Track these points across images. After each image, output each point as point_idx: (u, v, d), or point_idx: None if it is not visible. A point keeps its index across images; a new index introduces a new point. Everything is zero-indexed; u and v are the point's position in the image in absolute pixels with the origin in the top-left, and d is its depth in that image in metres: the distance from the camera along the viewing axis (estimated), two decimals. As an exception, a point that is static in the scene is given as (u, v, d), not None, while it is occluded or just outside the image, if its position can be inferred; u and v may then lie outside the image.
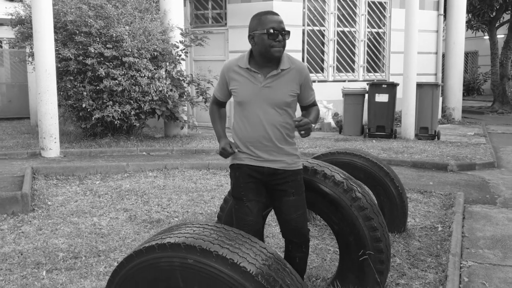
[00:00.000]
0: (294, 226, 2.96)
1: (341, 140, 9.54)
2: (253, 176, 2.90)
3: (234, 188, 2.96)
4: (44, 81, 7.44)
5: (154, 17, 9.40)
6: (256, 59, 2.84)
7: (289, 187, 2.92)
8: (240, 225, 2.91)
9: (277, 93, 2.83)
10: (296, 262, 3.04)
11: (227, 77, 2.90)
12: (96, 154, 7.98)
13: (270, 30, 2.74)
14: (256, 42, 2.79)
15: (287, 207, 2.94)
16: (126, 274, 2.31)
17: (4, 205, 4.84)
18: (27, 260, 3.77)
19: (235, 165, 2.94)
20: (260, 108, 2.83)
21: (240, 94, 2.85)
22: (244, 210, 2.90)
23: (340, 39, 11.79)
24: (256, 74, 2.82)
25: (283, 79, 2.85)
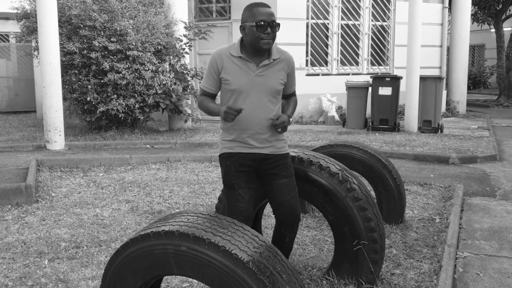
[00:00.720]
0: (288, 207, 3.06)
1: (344, 133, 9.57)
2: (245, 163, 2.99)
3: (226, 176, 3.02)
4: (48, 75, 7.52)
5: (158, 11, 9.45)
6: (247, 49, 2.92)
7: (280, 170, 3.04)
8: (232, 211, 2.99)
9: (270, 81, 2.94)
10: (286, 241, 3.17)
11: (219, 65, 2.92)
12: (101, 147, 8.07)
13: (259, 22, 2.81)
14: (247, 33, 2.87)
15: (279, 190, 3.04)
16: (123, 261, 2.38)
17: (8, 196, 4.94)
18: (30, 250, 3.86)
19: (225, 154, 3.01)
20: (255, 96, 2.92)
21: (234, 82, 2.91)
22: (236, 197, 2.98)
23: (344, 32, 11.78)
24: (248, 62, 2.91)
25: (274, 68, 2.96)
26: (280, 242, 3.24)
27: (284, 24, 10.84)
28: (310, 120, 11.49)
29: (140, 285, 2.39)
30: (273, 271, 2.20)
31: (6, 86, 14.80)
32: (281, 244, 3.23)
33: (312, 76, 11.57)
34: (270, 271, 2.19)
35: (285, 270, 2.27)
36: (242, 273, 2.13)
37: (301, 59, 11.31)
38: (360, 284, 3.25)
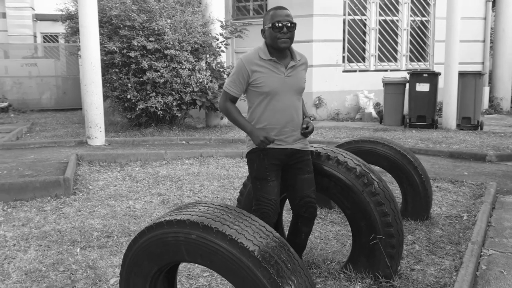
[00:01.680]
0: (307, 201, 3.20)
1: (380, 130, 9.48)
2: (277, 157, 3.12)
3: (259, 169, 3.12)
4: (89, 73, 7.87)
5: (195, 10, 9.67)
6: (272, 52, 3.04)
7: (304, 165, 3.19)
8: (263, 204, 3.11)
9: (298, 81, 3.12)
10: (302, 237, 3.29)
11: (249, 70, 3.02)
12: (139, 142, 8.35)
13: (276, 23, 2.94)
14: (266, 36, 3.02)
15: (301, 184, 3.18)
16: (139, 247, 2.52)
17: (48, 188, 5.23)
18: (64, 238, 4.09)
19: (259, 148, 3.11)
20: (286, 96, 3.07)
21: (267, 84, 3.02)
22: (267, 189, 3.10)
23: (382, 28, 11.64)
24: (278, 64, 3.04)
25: (299, 69, 3.14)
26: (295, 237, 3.33)
27: (320, 21, 10.90)
28: (347, 116, 11.43)
29: (155, 271, 2.52)
30: (278, 260, 2.28)
31: (55, 85, 15.48)
32: (296, 239, 3.33)
33: (349, 73, 11.51)
34: (275, 260, 2.27)
35: (291, 260, 2.34)
36: (248, 261, 2.22)
37: (338, 56, 11.27)
38: (376, 278, 3.27)
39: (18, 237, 4.12)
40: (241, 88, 3.10)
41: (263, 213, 3.11)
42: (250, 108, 3.16)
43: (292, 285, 2.25)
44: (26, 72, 15.09)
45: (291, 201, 3.28)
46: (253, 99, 3.12)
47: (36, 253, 3.79)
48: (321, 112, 11.48)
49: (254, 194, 3.18)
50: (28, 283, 3.28)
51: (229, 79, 3.13)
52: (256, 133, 3.04)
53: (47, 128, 10.58)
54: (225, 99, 3.17)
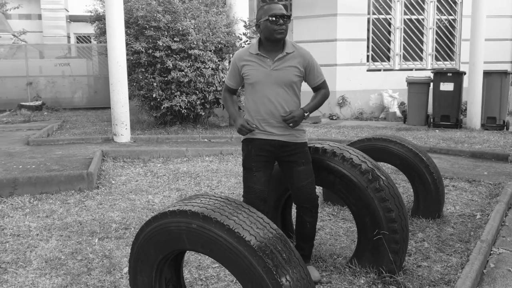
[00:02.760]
0: (305, 192, 3.30)
1: (402, 130, 9.43)
2: (265, 149, 3.25)
3: (246, 159, 3.30)
4: (116, 73, 8.12)
5: (219, 11, 9.83)
6: (264, 45, 3.22)
7: (298, 158, 3.29)
8: (248, 192, 3.28)
9: (285, 74, 3.22)
10: (307, 227, 3.39)
11: (239, 65, 3.27)
12: (162, 140, 8.58)
13: (271, 16, 3.10)
14: (262, 29, 3.18)
15: (298, 176, 3.29)
16: (146, 236, 2.66)
17: (72, 182, 5.47)
18: (84, 229, 4.30)
19: (248, 139, 3.31)
20: (271, 88, 3.21)
21: (253, 76, 3.22)
22: (252, 179, 3.26)
23: (407, 27, 11.55)
24: (265, 58, 3.20)
25: (289, 62, 3.22)
26: (302, 228, 3.43)
27: (344, 20, 10.92)
28: (371, 116, 11.39)
29: (160, 259, 2.66)
30: (273, 250, 2.38)
31: (86, 84, 15.91)
32: (303, 229, 3.43)
33: (373, 72, 11.47)
34: (270, 250, 2.37)
35: (286, 250, 2.44)
36: (244, 250, 2.33)
37: (362, 55, 11.25)
38: (380, 273, 3.34)
39: (41, 227, 4.34)
40: (236, 81, 3.37)
41: (248, 201, 3.27)
42: (245, 100, 3.38)
43: (286, 274, 2.34)
44: (59, 71, 15.57)
45: (292, 193, 3.41)
46: (246, 91, 3.35)
47: (57, 242, 4.00)
48: (345, 111, 11.49)
49: (243, 182, 3.36)
50: (47, 270, 3.48)
51: (228, 73, 3.42)
52: (237, 121, 3.27)
53: (77, 125, 10.94)
54: (224, 90, 3.48)
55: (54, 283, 3.27)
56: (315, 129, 9.94)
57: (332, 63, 11.19)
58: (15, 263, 3.59)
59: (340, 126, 10.37)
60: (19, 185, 5.31)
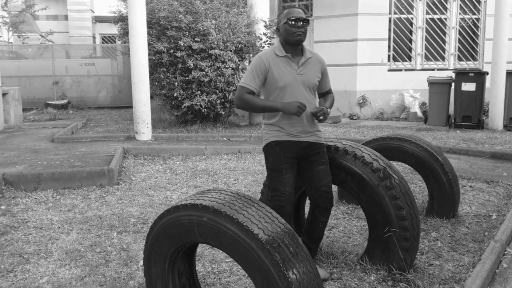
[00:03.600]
0: (324, 191, 3.35)
1: (423, 130, 9.37)
2: (293, 151, 3.29)
3: (274, 161, 3.29)
4: (137, 72, 8.30)
5: (240, 11, 9.93)
6: (286, 49, 3.24)
7: (319, 157, 3.35)
8: (277, 195, 3.26)
9: (310, 77, 3.29)
10: (319, 227, 3.42)
11: (267, 66, 3.21)
12: (183, 138, 8.72)
13: (291, 19, 3.16)
14: (281, 32, 3.24)
15: (318, 175, 3.33)
16: (159, 228, 2.76)
17: (93, 178, 5.64)
18: (104, 223, 4.44)
19: (274, 142, 3.29)
20: (299, 90, 3.26)
21: (282, 80, 3.22)
22: (282, 181, 3.26)
23: (429, 27, 11.45)
24: (291, 61, 3.24)
25: (310, 66, 3.31)
26: (313, 227, 3.47)
27: (365, 20, 10.89)
28: (392, 116, 11.33)
29: (173, 251, 2.76)
30: (280, 243, 2.45)
31: (111, 84, 16.21)
32: (314, 229, 3.46)
33: (394, 72, 11.41)
34: (277, 243, 2.44)
35: (293, 244, 2.51)
36: (252, 243, 2.41)
37: (383, 55, 11.20)
38: (390, 270, 3.37)
39: (63, 221, 4.50)
40: (258, 83, 3.24)
41: (277, 203, 3.27)
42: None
43: (293, 267, 2.40)
44: (84, 71, 15.90)
45: (309, 192, 3.42)
46: (269, 93, 3.31)
47: (77, 235, 4.14)
48: (365, 111, 11.45)
49: (270, 186, 3.35)
50: (67, 261, 3.62)
51: (246, 76, 3.26)
52: (289, 104, 3.14)
53: (101, 124, 11.19)
54: (242, 93, 3.23)
55: (73, 274, 3.41)
56: (335, 129, 9.95)
57: (352, 63, 11.18)
58: (37, 254, 3.74)
59: (360, 126, 10.36)
60: (43, 180, 5.50)
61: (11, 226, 4.34)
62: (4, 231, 4.23)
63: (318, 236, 3.51)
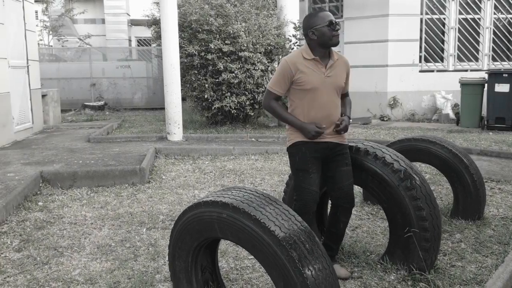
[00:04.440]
0: (346, 192, 3.41)
1: (454, 132, 9.24)
2: (318, 150, 3.36)
3: (301, 161, 3.36)
4: (169, 74, 8.52)
5: (270, 13, 10.04)
6: (315, 52, 3.28)
7: (344, 158, 3.41)
8: (304, 194, 3.34)
9: (337, 79, 3.35)
10: (340, 227, 3.49)
11: (293, 70, 3.26)
12: (212, 139, 8.89)
13: (331, 22, 3.22)
14: (318, 35, 3.22)
15: (341, 175, 3.39)
16: (182, 224, 2.90)
17: (126, 176, 5.86)
18: (134, 220, 4.62)
19: (300, 142, 3.37)
20: (326, 93, 3.31)
21: (309, 82, 3.26)
22: (308, 180, 3.33)
23: (462, 27, 11.26)
24: (319, 64, 3.28)
25: (337, 68, 3.37)
26: (334, 227, 3.52)
27: (396, 21, 10.82)
28: (423, 117, 11.21)
29: (195, 246, 2.89)
30: (297, 240, 2.54)
31: (146, 85, 16.59)
32: (336, 229, 3.51)
33: (426, 73, 11.28)
34: (294, 240, 2.52)
35: (310, 241, 2.59)
36: (268, 239, 2.50)
37: (414, 56, 11.10)
38: (411, 270, 3.40)
39: (96, 217, 4.71)
40: (285, 87, 3.33)
41: (304, 203, 3.35)
42: (292, 105, 3.38)
43: (309, 264, 2.49)
44: (120, 73, 16.34)
45: (331, 192, 3.48)
46: (296, 96, 3.35)
47: (109, 231, 4.34)
48: (396, 113, 11.37)
49: (296, 185, 3.41)
50: (98, 255, 3.81)
51: (273, 80, 3.37)
52: (306, 126, 3.28)
53: (135, 124, 11.51)
54: (270, 98, 3.41)
55: (104, 267, 3.59)
56: (364, 130, 9.93)
57: (383, 64, 11.12)
58: (71, 248, 3.95)
59: (390, 127, 10.30)
60: (78, 178, 5.75)
61: (48, 221, 4.58)
62: (41, 226, 4.46)
63: (339, 236, 3.56)
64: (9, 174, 5.91)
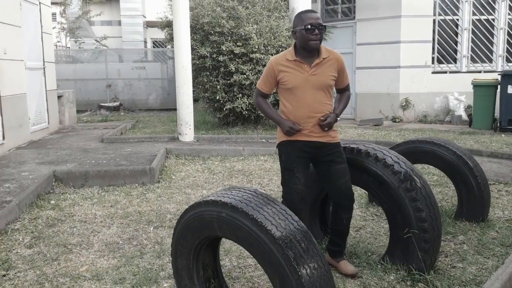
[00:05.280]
0: (344, 190, 3.44)
1: (466, 134, 9.20)
2: (304, 150, 3.40)
3: (287, 160, 3.44)
4: (181, 76, 8.64)
5: (282, 15, 10.10)
6: (300, 52, 3.35)
7: (336, 157, 3.43)
8: (289, 193, 3.42)
9: (323, 78, 3.36)
10: (343, 223, 3.53)
11: (276, 70, 3.37)
12: (223, 140, 8.99)
13: (308, 25, 3.22)
14: (297, 37, 3.31)
15: (336, 174, 3.43)
16: (184, 223, 2.99)
17: (136, 176, 5.98)
18: (142, 219, 4.73)
19: (286, 141, 3.45)
20: (310, 92, 3.35)
21: (291, 82, 3.34)
22: (294, 179, 3.40)
23: (476, 28, 11.18)
24: (302, 64, 3.33)
25: (325, 66, 3.37)
26: (338, 225, 3.57)
27: (408, 22, 10.81)
28: (436, 119, 11.16)
29: (196, 244, 2.97)
30: (292, 239, 2.61)
31: (160, 87, 16.78)
32: (339, 226, 3.56)
33: (439, 74, 11.23)
34: (289, 239, 2.59)
35: (305, 240, 2.65)
36: (265, 238, 2.57)
37: (427, 57, 11.06)
38: (410, 271, 3.44)
39: (105, 215, 4.84)
40: (270, 86, 3.46)
41: (290, 201, 3.42)
42: (281, 103, 3.50)
43: (304, 262, 2.55)
44: (136, 74, 16.55)
45: (329, 191, 3.53)
46: (282, 95, 3.46)
47: (117, 229, 4.46)
48: (408, 114, 11.34)
49: (282, 183, 3.50)
50: (106, 252, 3.92)
51: (261, 78, 3.52)
52: (284, 123, 3.38)
53: (149, 125, 11.67)
54: (257, 95, 3.59)
55: (110, 264, 3.70)
56: (375, 132, 9.94)
57: (395, 65, 11.10)
58: (80, 245, 4.07)
59: (401, 129, 10.28)
60: (90, 178, 5.90)
61: (59, 219, 4.72)
62: (52, 223, 4.60)
63: (344, 232, 3.60)
64: (24, 173, 6.08)
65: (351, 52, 11.79)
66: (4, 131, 7.57)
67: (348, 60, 11.88)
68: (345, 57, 11.54)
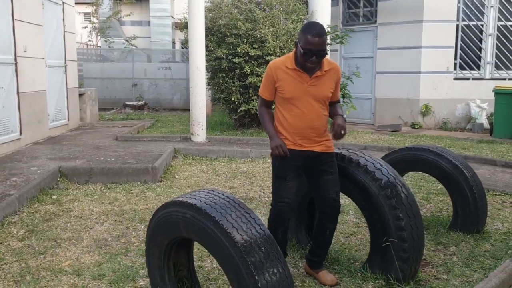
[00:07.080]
0: (332, 200, 3.37)
1: (484, 142, 8.94)
2: (297, 159, 3.33)
3: (279, 168, 3.37)
4: (195, 77, 8.73)
5: (300, 18, 10.07)
6: (298, 62, 3.24)
7: (328, 167, 3.37)
8: (279, 201, 3.34)
9: (322, 90, 3.28)
10: (327, 234, 3.47)
11: (275, 75, 3.27)
12: (234, 141, 9.02)
13: (307, 51, 3.10)
14: (298, 51, 3.19)
15: (326, 184, 3.36)
16: (155, 222, 3.02)
17: (138, 174, 6.08)
18: (136, 217, 4.80)
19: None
20: (307, 103, 3.27)
21: (289, 92, 3.25)
22: (285, 188, 3.33)
23: (501, 34, 10.86)
24: (302, 74, 3.24)
25: (325, 78, 3.29)
26: (321, 235, 3.50)
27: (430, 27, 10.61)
28: (456, 126, 10.89)
29: (166, 244, 3.00)
30: (252, 243, 2.60)
31: (185, 87, 16.96)
32: (323, 236, 3.50)
33: (461, 80, 10.96)
34: (249, 242, 2.59)
35: (266, 244, 2.65)
36: (225, 240, 2.58)
37: (449, 63, 10.80)
38: (388, 280, 3.38)
39: (101, 212, 4.94)
40: (271, 93, 3.35)
41: (278, 210, 3.35)
42: (277, 111, 3.40)
43: (262, 266, 2.54)
44: (161, 74, 16.78)
45: (316, 200, 3.47)
46: (279, 103, 3.36)
47: (109, 226, 4.54)
48: (428, 121, 11.10)
49: (273, 191, 3.44)
50: (93, 248, 4.00)
51: (262, 84, 3.42)
52: (274, 139, 3.31)
53: (167, 124, 11.82)
54: (261, 104, 3.47)
55: (94, 259, 3.77)
56: (391, 137, 9.77)
57: (416, 71, 10.89)
58: (69, 240, 4.17)
59: (418, 135, 10.08)
60: (94, 174, 6.02)
61: (56, 214, 4.84)
62: (49, 218, 4.73)
63: (326, 243, 3.54)
64: (33, 168, 6.27)
65: (372, 57, 11.64)
66: (21, 127, 7.82)
67: (368, 65, 11.73)
68: (365, 61, 11.52)
